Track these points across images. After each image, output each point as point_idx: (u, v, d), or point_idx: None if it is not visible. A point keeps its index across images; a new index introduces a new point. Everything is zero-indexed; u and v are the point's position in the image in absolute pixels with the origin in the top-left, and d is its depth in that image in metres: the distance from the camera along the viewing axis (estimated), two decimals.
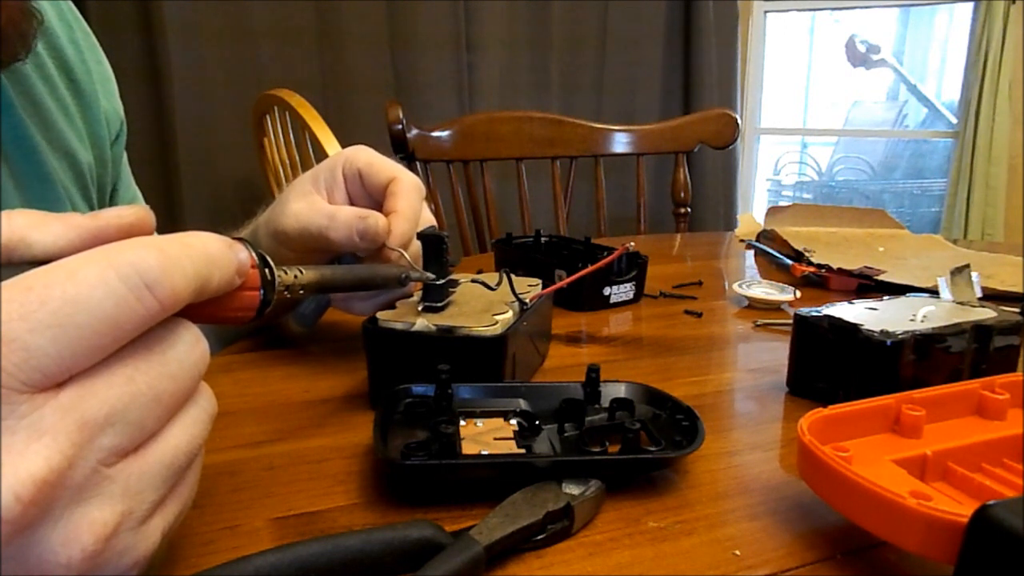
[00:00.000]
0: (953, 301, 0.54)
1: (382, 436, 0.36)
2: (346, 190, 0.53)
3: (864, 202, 4.12)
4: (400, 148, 1.30)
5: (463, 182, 1.40)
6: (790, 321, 0.51)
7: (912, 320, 0.48)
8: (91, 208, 0.54)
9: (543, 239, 0.82)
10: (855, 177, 4.46)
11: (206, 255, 0.26)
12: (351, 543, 0.28)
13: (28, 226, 0.25)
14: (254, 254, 0.30)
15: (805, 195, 4.48)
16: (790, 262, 0.85)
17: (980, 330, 0.47)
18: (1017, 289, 0.74)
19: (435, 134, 1.36)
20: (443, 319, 0.45)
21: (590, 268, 0.61)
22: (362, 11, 2.09)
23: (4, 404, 0.21)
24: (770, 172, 4.44)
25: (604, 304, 0.71)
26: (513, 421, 0.39)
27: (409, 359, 0.44)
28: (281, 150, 1.65)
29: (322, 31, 2.08)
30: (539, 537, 0.31)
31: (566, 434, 0.40)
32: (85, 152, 0.53)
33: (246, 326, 0.62)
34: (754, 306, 0.72)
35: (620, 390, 0.43)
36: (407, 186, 0.51)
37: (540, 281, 0.55)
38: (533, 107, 2.10)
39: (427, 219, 0.53)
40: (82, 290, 0.22)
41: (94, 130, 0.54)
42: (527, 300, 0.49)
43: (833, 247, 0.92)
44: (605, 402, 0.41)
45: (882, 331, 0.45)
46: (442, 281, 0.47)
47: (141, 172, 0.65)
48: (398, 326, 0.45)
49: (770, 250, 0.95)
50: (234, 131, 1.95)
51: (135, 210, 0.27)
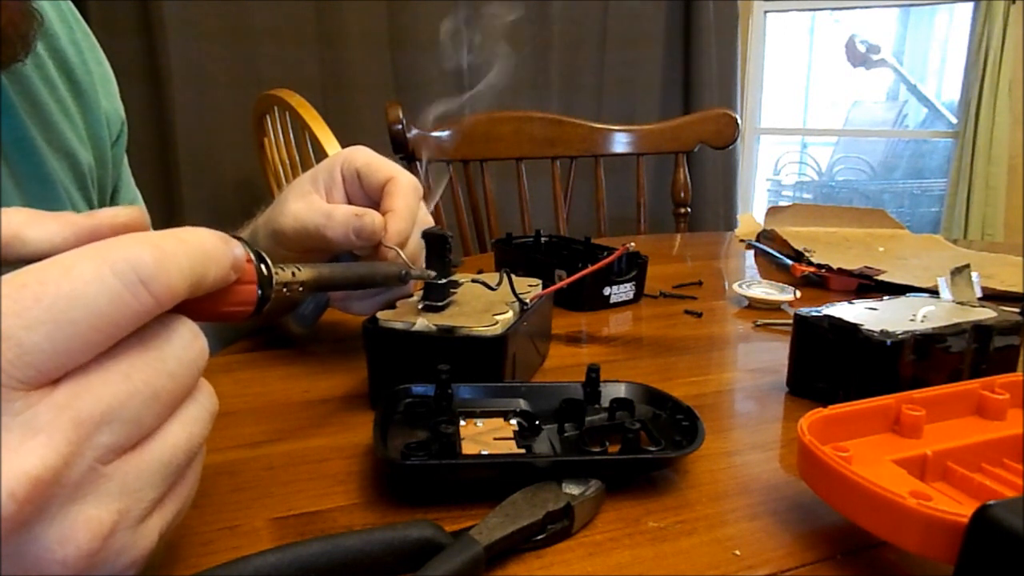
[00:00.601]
0: (953, 301, 0.54)
1: (382, 436, 0.36)
2: (344, 190, 0.53)
3: (864, 202, 4.12)
4: (400, 148, 1.30)
5: (463, 182, 1.40)
6: (790, 321, 0.51)
7: (912, 320, 0.48)
8: (91, 209, 0.54)
9: (543, 239, 0.82)
10: (855, 177, 4.46)
11: (201, 250, 0.25)
12: (351, 543, 0.28)
13: (24, 223, 0.25)
14: (251, 252, 0.30)
15: (805, 195, 4.48)
16: (790, 262, 0.85)
17: (980, 330, 0.47)
18: (1017, 289, 0.74)
19: (435, 134, 1.36)
20: (443, 319, 0.45)
21: (590, 268, 0.61)
22: (362, 11, 2.09)
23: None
24: (770, 172, 4.44)
25: (604, 304, 0.71)
26: (513, 421, 0.39)
27: (409, 359, 0.44)
28: (281, 150, 1.65)
29: (322, 31, 2.08)
30: (539, 537, 0.31)
31: (566, 434, 0.40)
32: (85, 153, 0.53)
33: (245, 324, 0.62)
34: (754, 306, 0.72)
35: (620, 390, 0.43)
36: (404, 186, 0.51)
37: (540, 281, 0.55)
38: (533, 107, 2.10)
39: (424, 219, 0.53)
40: (77, 286, 0.22)
41: (94, 131, 0.54)
42: (527, 300, 0.49)
43: (833, 247, 0.92)
44: (605, 402, 0.41)
45: (882, 331, 0.45)
46: (444, 280, 0.47)
47: (141, 172, 0.65)
48: (398, 326, 0.45)
49: (770, 250, 0.95)
50: (234, 131, 1.95)
51: (130, 210, 0.27)
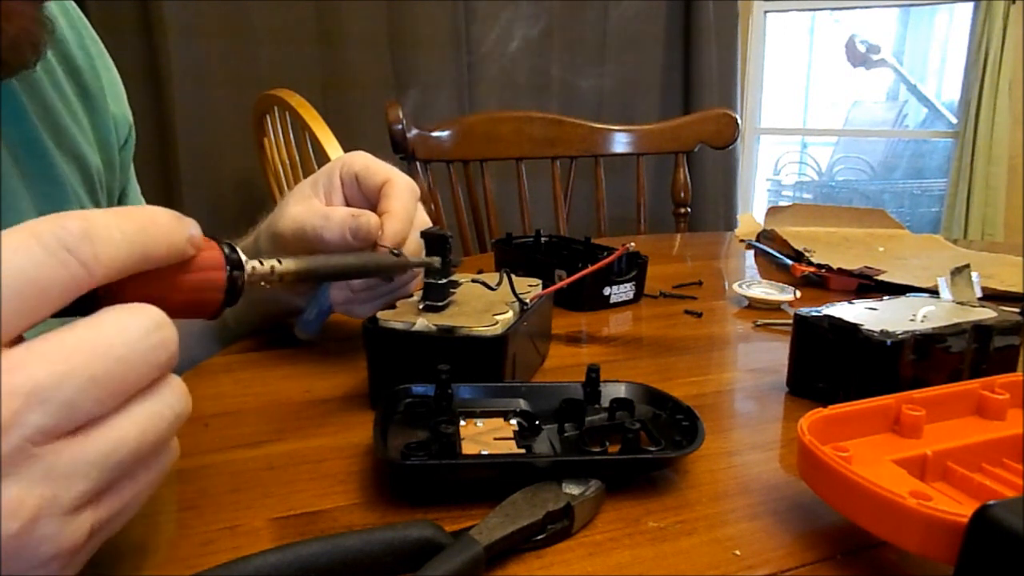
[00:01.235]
0: (953, 301, 0.54)
1: (382, 436, 0.36)
2: (344, 194, 0.53)
3: (864, 202, 4.11)
4: (400, 148, 1.30)
5: (463, 182, 1.40)
6: (790, 321, 0.51)
7: (912, 320, 0.48)
8: None
9: (543, 239, 0.82)
10: (855, 177, 4.46)
11: (145, 223, 0.25)
12: (351, 543, 0.28)
13: None
14: (221, 243, 0.30)
15: (805, 195, 4.48)
16: (790, 262, 0.85)
17: (980, 330, 0.47)
18: (1017, 289, 0.74)
19: (435, 134, 1.36)
20: (443, 319, 0.45)
21: (590, 268, 0.61)
22: (362, 11, 2.09)
23: None
24: (770, 172, 4.44)
25: (604, 304, 0.71)
26: (513, 421, 0.39)
27: (409, 359, 0.44)
28: (281, 150, 1.65)
29: (322, 31, 2.08)
30: (539, 537, 0.31)
31: (566, 434, 0.40)
32: (94, 156, 0.53)
33: (244, 325, 0.62)
34: (754, 306, 0.72)
35: (620, 390, 0.43)
36: (400, 187, 0.51)
37: (540, 281, 0.55)
38: (533, 107, 2.10)
39: (422, 221, 0.53)
40: (3, 256, 0.22)
41: (103, 135, 0.55)
42: (527, 300, 0.49)
43: (833, 247, 0.92)
44: (605, 402, 0.41)
45: (882, 331, 0.45)
46: (444, 280, 0.47)
47: (141, 172, 0.65)
48: (398, 326, 0.45)
49: (770, 250, 0.95)
50: (234, 131, 1.95)
51: None
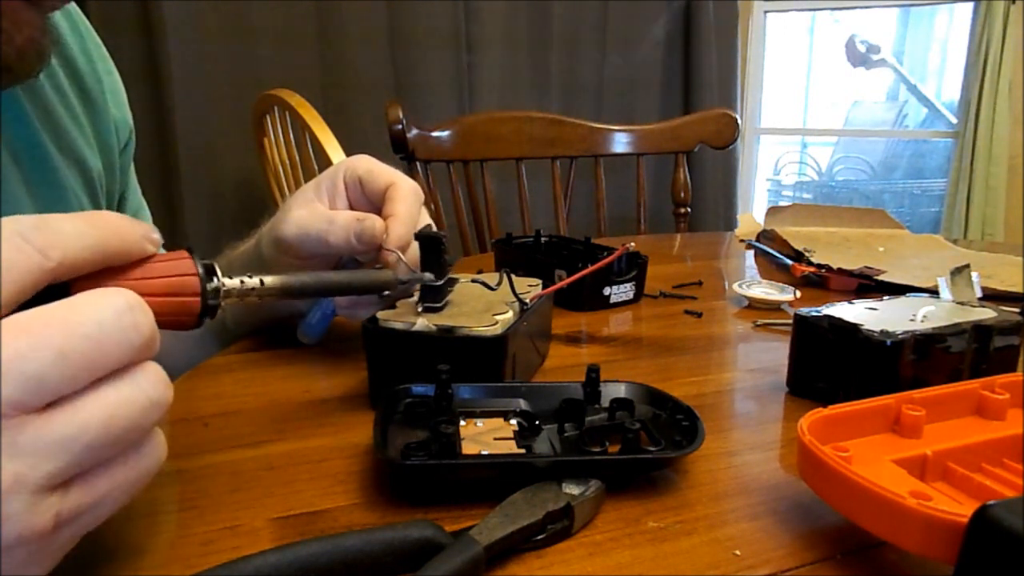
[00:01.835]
0: (953, 301, 0.54)
1: (382, 436, 0.36)
2: (347, 197, 0.53)
3: (864, 202, 4.11)
4: (400, 148, 1.30)
5: (463, 182, 1.40)
6: (790, 321, 0.51)
7: (912, 320, 0.48)
8: None
9: (543, 239, 0.82)
10: (855, 177, 4.46)
11: (92, 218, 0.26)
12: (351, 543, 0.28)
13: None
14: (197, 260, 0.31)
15: (805, 195, 4.48)
16: (790, 262, 0.85)
17: (980, 330, 0.47)
18: (1017, 289, 0.74)
19: (435, 134, 1.36)
20: (443, 319, 0.45)
21: (590, 268, 0.61)
22: (362, 11, 2.09)
23: None
24: (770, 172, 4.44)
25: (604, 304, 0.71)
26: (513, 421, 0.39)
27: (409, 359, 0.44)
28: (281, 150, 1.65)
29: (322, 31, 2.08)
30: (539, 537, 0.31)
31: (566, 434, 0.40)
32: (95, 159, 0.53)
33: (243, 325, 0.62)
34: (754, 306, 0.72)
35: (620, 390, 0.43)
36: (405, 191, 0.51)
37: (540, 281, 0.55)
38: (533, 107, 2.10)
39: (426, 223, 0.53)
40: None
41: (103, 138, 0.55)
42: (527, 300, 0.49)
43: (833, 247, 0.92)
44: (605, 402, 0.41)
45: (882, 331, 0.45)
46: (440, 282, 0.47)
47: (142, 172, 0.65)
48: (398, 326, 0.45)
49: (770, 250, 0.95)
50: (234, 131, 1.95)
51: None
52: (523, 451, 0.36)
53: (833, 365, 0.47)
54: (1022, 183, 2.54)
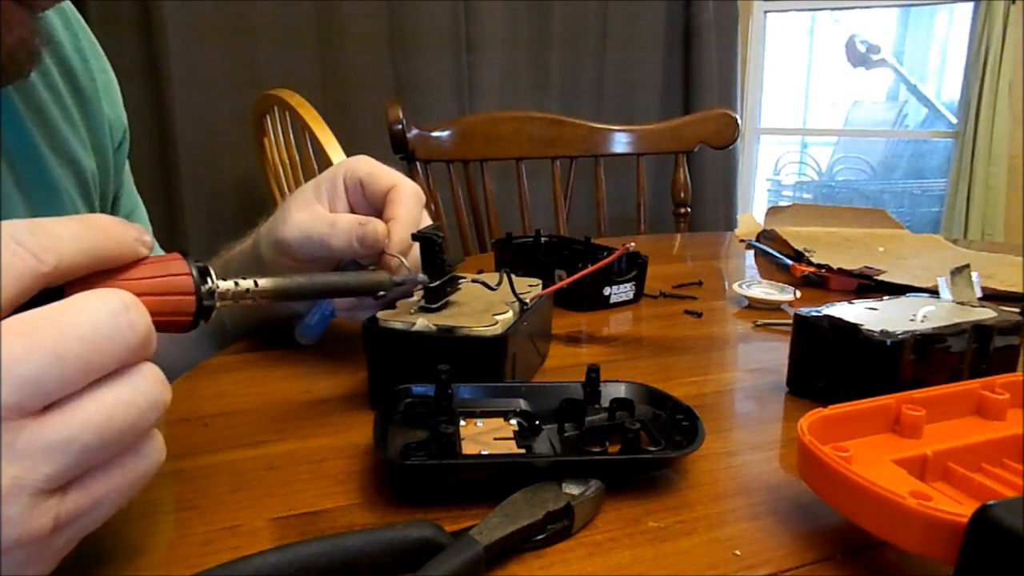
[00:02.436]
0: (953, 301, 0.54)
1: (382, 436, 0.36)
2: (347, 199, 0.53)
3: (864, 202, 4.11)
4: (400, 148, 1.30)
5: (463, 182, 1.40)
6: (790, 321, 0.51)
7: (912, 320, 0.48)
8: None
9: (543, 239, 0.82)
10: (855, 177, 4.46)
11: (85, 221, 0.26)
12: (351, 543, 0.28)
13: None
14: (193, 265, 0.30)
15: (805, 195, 4.48)
16: (790, 262, 0.85)
17: (980, 330, 0.47)
18: (1017, 289, 0.74)
19: (435, 134, 1.36)
20: (443, 319, 0.45)
21: (590, 268, 0.61)
22: (362, 11, 2.09)
23: None
24: (770, 172, 4.44)
25: (604, 304, 0.71)
26: (513, 421, 0.39)
27: (409, 359, 0.44)
28: (281, 150, 1.65)
29: (322, 31, 2.08)
30: (539, 537, 0.31)
31: (566, 434, 0.40)
32: (88, 160, 0.53)
33: (241, 326, 0.62)
34: (754, 306, 0.72)
35: (620, 390, 0.43)
36: (407, 193, 0.51)
37: (540, 281, 0.55)
38: (533, 107, 2.10)
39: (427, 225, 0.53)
40: None
41: (97, 138, 0.54)
42: (527, 300, 0.49)
43: (833, 247, 0.92)
44: (605, 402, 0.41)
45: (882, 331, 0.45)
46: (437, 283, 0.47)
47: (141, 172, 0.64)
48: (398, 326, 0.45)
49: (770, 250, 0.95)
50: (234, 131, 1.95)
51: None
52: (523, 451, 0.36)
53: (833, 365, 0.47)
54: (1022, 183, 2.54)
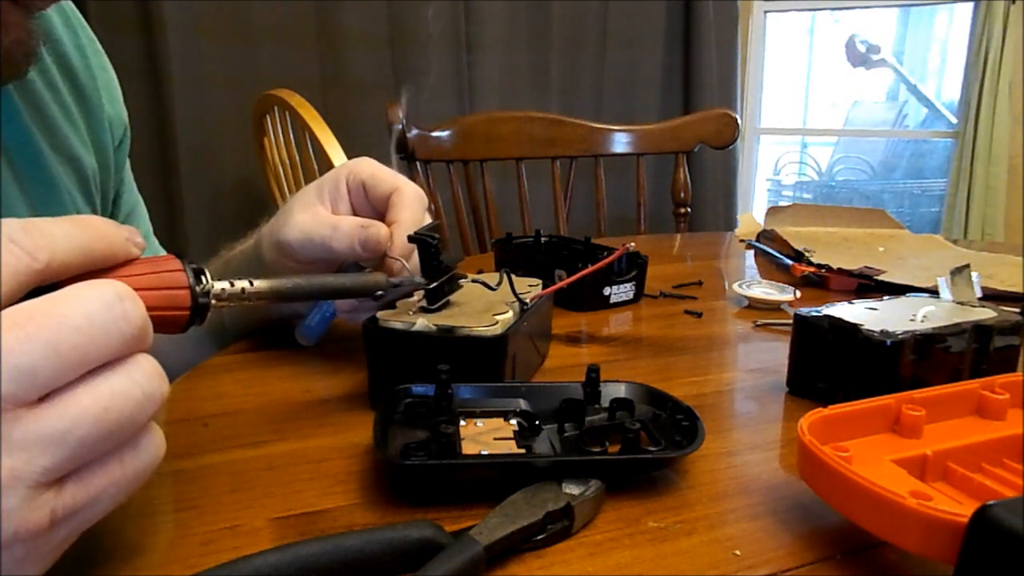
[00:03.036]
0: (953, 301, 0.54)
1: (382, 436, 0.36)
2: (350, 201, 0.53)
3: (864, 202, 4.11)
4: (400, 148, 1.30)
5: (463, 182, 1.40)
6: (790, 321, 0.51)
7: (912, 320, 0.48)
8: (94, 213, 0.54)
9: (543, 239, 0.82)
10: (855, 177, 4.46)
11: (78, 221, 0.27)
12: (351, 543, 0.28)
13: None
14: (187, 265, 0.31)
15: (805, 195, 4.48)
16: (790, 262, 0.85)
17: (980, 330, 0.47)
18: (1017, 289, 0.74)
19: (435, 134, 1.36)
20: (443, 319, 0.45)
21: (590, 268, 0.61)
22: (362, 11, 2.09)
23: None
24: (770, 172, 4.44)
25: (604, 304, 0.71)
26: (513, 421, 0.39)
27: (409, 359, 0.44)
28: (281, 150, 1.65)
29: (322, 31, 2.08)
30: (539, 537, 0.31)
31: (566, 434, 0.40)
32: (89, 157, 0.53)
33: (240, 326, 0.62)
34: (754, 306, 0.72)
35: (620, 390, 0.43)
36: (409, 196, 0.51)
37: (540, 281, 0.55)
38: (533, 107, 2.10)
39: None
40: None
41: (97, 135, 0.54)
42: (527, 300, 0.49)
43: (833, 247, 0.92)
44: (605, 402, 0.41)
45: (882, 331, 0.45)
46: (434, 284, 0.46)
47: (141, 172, 0.64)
48: (398, 326, 0.45)
49: (770, 250, 0.95)
50: (234, 131, 1.95)
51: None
52: (523, 451, 0.36)
53: (833, 365, 0.47)
54: (1022, 183, 2.54)
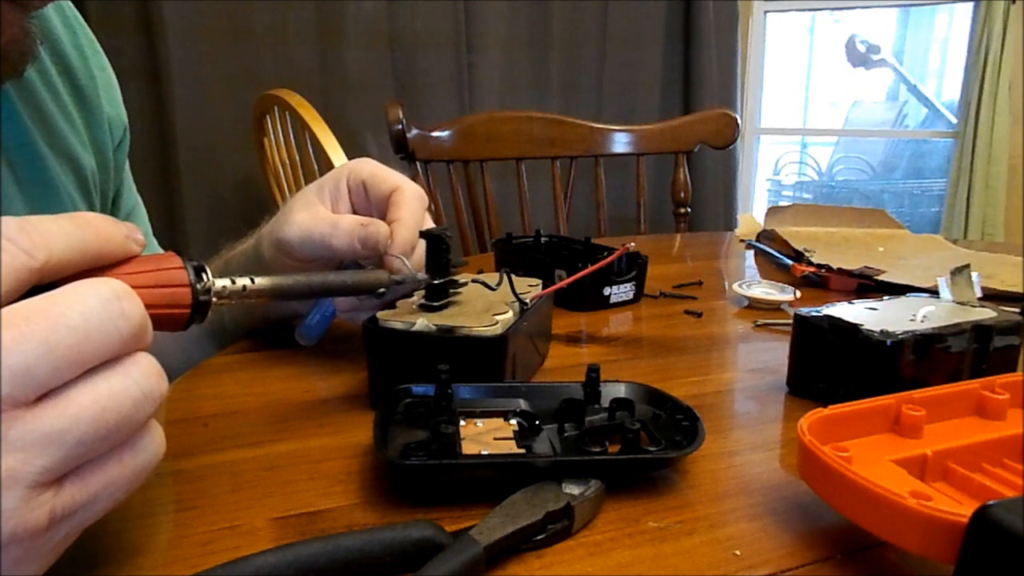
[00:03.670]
0: (953, 301, 0.54)
1: (382, 436, 0.36)
2: (350, 201, 0.53)
3: (864, 202, 4.11)
4: (400, 148, 1.30)
5: (463, 182, 1.40)
6: (790, 321, 0.51)
7: (912, 320, 0.48)
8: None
9: (543, 239, 0.82)
10: (855, 177, 4.46)
11: (75, 218, 0.26)
12: (351, 543, 0.28)
13: None
14: (189, 263, 0.31)
15: (805, 195, 4.48)
16: (790, 262, 0.85)
17: (980, 330, 0.47)
18: (1017, 289, 0.74)
19: (435, 134, 1.36)
20: (443, 319, 0.45)
21: (590, 268, 0.61)
22: (362, 11, 2.09)
23: None
24: (770, 172, 4.44)
25: (604, 304, 0.71)
26: (513, 421, 0.39)
27: (409, 359, 0.44)
28: (281, 150, 1.65)
29: (322, 31, 2.08)
30: (539, 537, 0.31)
31: (566, 434, 0.40)
32: (88, 157, 0.53)
33: (239, 326, 0.62)
34: (754, 306, 0.72)
35: (620, 390, 0.43)
36: (410, 195, 0.51)
37: (540, 281, 0.55)
38: (533, 107, 2.10)
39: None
40: None
41: (96, 135, 0.54)
42: (527, 300, 0.49)
43: (833, 247, 0.92)
44: (605, 402, 0.41)
45: (882, 331, 0.45)
46: (440, 281, 0.47)
47: (141, 172, 0.64)
48: (398, 326, 0.45)
49: (770, 250, 0.95)
50: (234, 131, 1.95)
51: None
52: (523, 451, 0.36)
53: (833, 365, 0.47)
54: (1022, 183, 2.54)
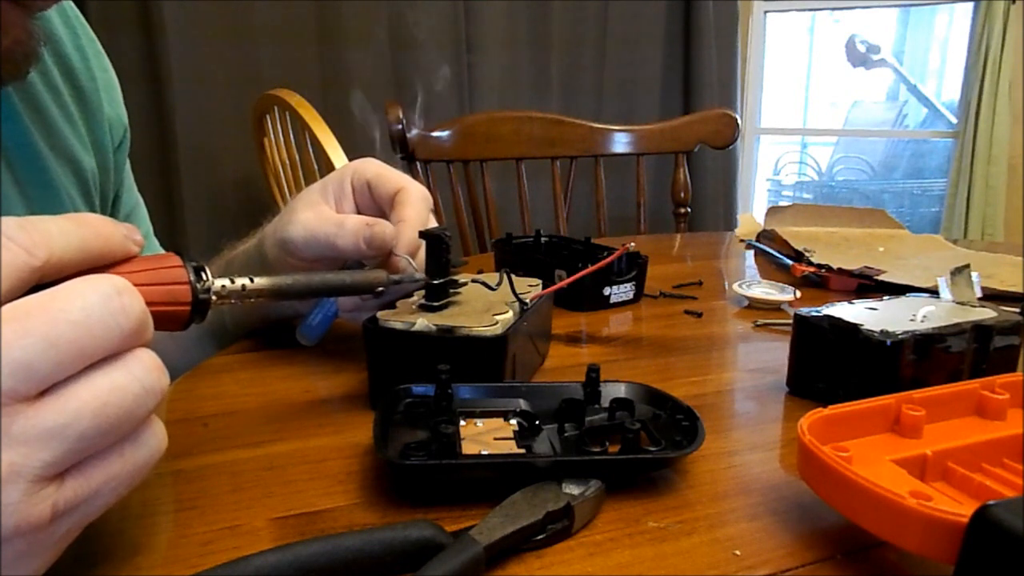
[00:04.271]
0: (953, 301, 0.54)
1: (382, 436, 0.36)
2: (354, 201, 0.53)
3: (864, 202, 4.11)
4: (400, 148, 1.30)
5: (463, 182, 1.40)
6: (790, 321, 0.51)
7: (912, 320, 0.48)
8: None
9: (543, 239, 0.82)
10: (855, 177, 4.46)
11: (74, 218, 0.27)
12: (351, 543, 0.28)
13: None
14: (188, 262, 0.31)
15: (805, 195, 4.48)
16: (790, 262, 0.85)
17: (980, 330, 0.47)
18: (1017, 289, 0.74)
19: (435, 134, 1.36)
20: (443, 319, 0.45)
21: (590, 268, 0.61)
22: (362, 11, 2.09)
23: None
24: (770, 172, 4.44)
25: (604, 304, 0.71)
26: (513, 421, 0.39)
27: (409, 359, 0.44)
28: (281, 150, 1.65)
29: (322, 31, 2.08)
30: (539, 537, 0.31)
31: (566, 434, 0.40)
32: (88, 158, 0.53)
33: (239, 326, 0.62)
34: (754, 306, 0.72)
35: (620, 390, 0.43)
36: (414, 196, 0.51)
37: (540, 281, 0.55)
38: (533, 107, 2.10)
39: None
40: None
41: (97, 136, 0.54)
42: (527, 300, 0.49)
43: (833, 247, 0.92)
44: (605, 402, 0.41)
45: (882, 331, 0.45)
46: (440, 281, 0.47)
47: (141, 172, 0.65)
48: (398, 326, 0.45)
49: (770, 250, 0.95)
50: (234, 131, 1.95)
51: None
52: (523, 451, 0.36)
53: (833, 365, 0.47)
54: (1022, 183, 2.54)
